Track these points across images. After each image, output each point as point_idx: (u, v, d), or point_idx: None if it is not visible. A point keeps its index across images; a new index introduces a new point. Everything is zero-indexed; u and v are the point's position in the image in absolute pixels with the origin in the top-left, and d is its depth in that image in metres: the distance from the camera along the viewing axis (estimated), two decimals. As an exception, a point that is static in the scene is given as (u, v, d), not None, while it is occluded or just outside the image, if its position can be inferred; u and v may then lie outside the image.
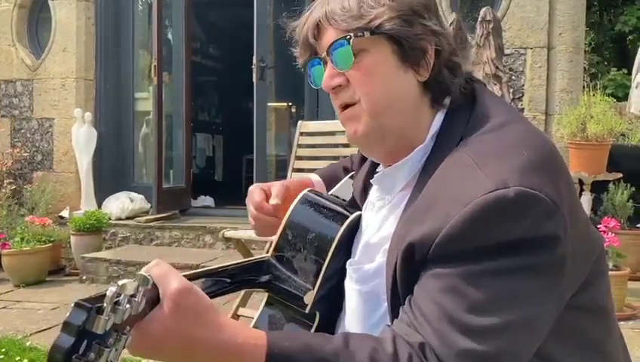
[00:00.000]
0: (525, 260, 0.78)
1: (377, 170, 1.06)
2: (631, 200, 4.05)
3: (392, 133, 0.95)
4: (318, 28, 0.95)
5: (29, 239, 4.35)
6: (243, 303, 3.10)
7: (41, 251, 4.37)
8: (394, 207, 0.97)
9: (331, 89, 0.95)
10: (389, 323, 0.88)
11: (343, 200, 1.14)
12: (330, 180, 1.25)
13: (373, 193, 1.04)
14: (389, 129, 0.94)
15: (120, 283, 0.72)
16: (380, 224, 0.99)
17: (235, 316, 3.04)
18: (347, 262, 1.01)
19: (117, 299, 0.72)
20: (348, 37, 0.91)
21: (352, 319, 0.99)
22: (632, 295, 3.49)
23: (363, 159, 1.15)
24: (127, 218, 4.97)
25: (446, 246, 0.80)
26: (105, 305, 0.70)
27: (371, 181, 1.04)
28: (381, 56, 0.92)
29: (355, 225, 1.05)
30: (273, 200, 1.13)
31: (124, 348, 0.75)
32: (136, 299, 0.74)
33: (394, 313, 0.88)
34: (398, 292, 0.87)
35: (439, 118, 0.95)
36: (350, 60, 0.92)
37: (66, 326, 0.70)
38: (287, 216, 1.06)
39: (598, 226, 3.35)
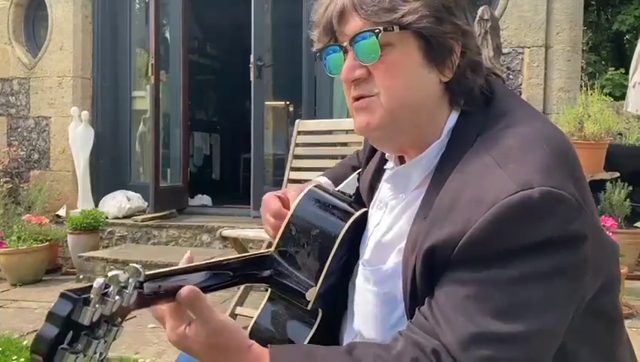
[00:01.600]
0: (551, 262, 0.77)
1: (386, 166, 1.04)
2: (628, 200, 4.05)
3: (406, 130, 0.92)
4: (342, 14, 0.90)
5: (25, 238, 4.33)
6: (240, 302, 3.10)
7: (37, 250, 4.36)
8: (408, 205, 0.94)
9: (350, 81, 0.91)
10: (406, 324, 0.86)
11: (350, 196, 1.13)
12: (340, 181, 1.22)
13: (385, 191, 1.02)
14: (403, 126, 0.91)
15: (110, 274, 0.71)
16: (393, 223, 0.96)
17: (233, 315, 3.04)
18: (360, 262, 0.99)
19: (106, 291, 0.71)
20: (377, 30, 0.86)
21: (370, 321, 0.96)
22: (629, 294, 3.50)
23: (370, 156, 1.13)
24: (125, 217, 4.96)
25: (470, 249, 0.78)
26: (92, 296, 0.69)
27: (384, 179, 1.02)
28: (407, 53, 0.89)
29: (360, 222, 1.04)
30: None
31: (114, 339, 0.74)
32: (127, 291, 0.73)
33: (412, 314, 0.86)
34: (417, 294, 0.86)
35: (455, 113, 0.93)
36: (376, 55, 0.88)
37: (51, 316, 0.69)
38: (291, 211, 1.05)
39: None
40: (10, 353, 2.78)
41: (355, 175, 1.18)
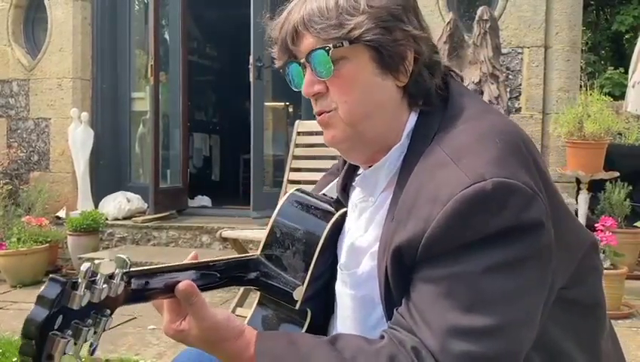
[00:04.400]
0: (513, 252, 0.79)
1: (359, 172, 1.07)
2: (628, 199, 4.05)
3: (370, 139, 0.95)
4: (296, 33, 0.93)
5: (25, 239, 4.33)
6: (240, 303, 3.10)
7: (37, 251, 4.36)
8: (378, 208, 0.97)
9: (311, 96, 0.95)
10: (386, 325, 0.88)
11: (331, 198, 1.15)
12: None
13: (356, 195, 1.04)
14: (366, 135, 0.94)
15: (96, 261, 0.73)
16: (366, 226, 0.98)
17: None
18: (338, 266, 1.01)
19: (93, 278, 0.73)
20: (327, 48, 0.90)
21: (349, 323, 0.99)
22: (629, 294, 3.50)
23: (345, 160, 1.15)
24: (124, 218, 4.96)
25: (433, 247, 0.80)
26: (79, 280, 0.71)
27: (353, 183, 1.05)
28: (360, 64, 0.91)
29: (342, 222, 1.06)
30: None
31: (104, 330, 0.76)
32: (114, 281, 0.76)
33: (389, 315, 0.88)
34: (392, 296, 0.87)
35: (414, 116, 0.95)
36: (329, 70, 0.91)
37: (40, 299, 0.70)
38: (274, 214, 1.07)
39: (596, 225, 3.35)
40: (10, 354, 2.78)
41: (336, 181, 1.20)
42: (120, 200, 5.06)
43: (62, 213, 5.09)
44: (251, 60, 4.79)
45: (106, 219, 4.80)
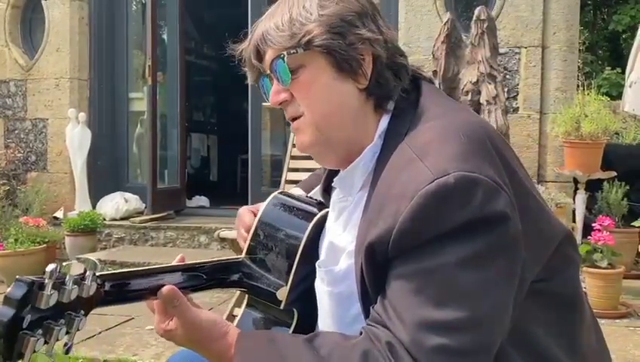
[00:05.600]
0: (479, 244, 0.80)
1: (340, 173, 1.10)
2: (625, 199, 4.06)
3: (339, 142, 0.98)
4: (258, 50, 0.99)
5: (23, 240, 4.32)
6: (238, 303, 3.10)
7: (35, 252, 4.35)
8: (355, 208, 0.99)
9: (278, 104, 1.00)
10: (364, 322, 0.90)
11: (315, 200, 1.16)
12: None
13: (336, 195, 1.07)
14: (334, 138, 0.98)
15: (64, 263, 0.76)
16: (344, 225, 1.01)
17: (231, 316, 3.04)
18: (317, 263, 1.03)
19: (62, 279, 0.75)
20: (282, 55, 0.95)
21: (327, 320, 1.01)
22: (627, 293, 3.50)
23: None
24: (122, 218, 4.96)
25: (401, 243, 0.82)
26: (46, 280, 0.73)
27: (332, 184, 1.07)
28: (318, 70, 0.95)
29: (324, 222, 1.07)
30: None
31: (78, 329, 0.78)
32: (85, 282, 0.77)
33: (367, 313, 0.90)
34: (368, 293, 0.89)
35: (386, 118, 0.98)
36: (288, 77, 0.96)
37: (7, 299, 0.72)
38: (257, 217, 1.09)
39: (593, 224, 3.36)
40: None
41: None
42: (118, 201, 5.06)
43: (59, 214, 5.09)
44: (249, 60, 4.78)
45: (104, 220, 4.80)
